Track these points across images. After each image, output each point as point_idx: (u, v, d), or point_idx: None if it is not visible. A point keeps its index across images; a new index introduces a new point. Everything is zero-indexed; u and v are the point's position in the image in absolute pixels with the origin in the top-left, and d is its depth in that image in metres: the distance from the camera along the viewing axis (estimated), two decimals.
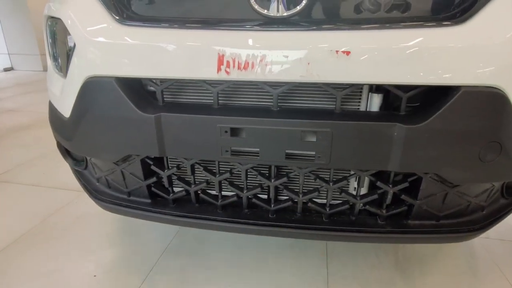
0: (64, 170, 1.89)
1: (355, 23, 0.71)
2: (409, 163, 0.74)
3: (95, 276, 1.13)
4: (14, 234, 1.34)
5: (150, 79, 0.82)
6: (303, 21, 0.72)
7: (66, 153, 1.11)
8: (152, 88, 0.84)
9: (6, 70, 5.88)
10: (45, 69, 5.84)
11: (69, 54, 0.89)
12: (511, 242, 1.32)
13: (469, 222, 0.88)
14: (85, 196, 1.52)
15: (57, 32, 0.94)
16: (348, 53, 0.68)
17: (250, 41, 0.72)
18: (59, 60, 0.97)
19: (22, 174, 1.88)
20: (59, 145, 1.10)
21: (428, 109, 0.72)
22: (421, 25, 0.69)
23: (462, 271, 1.16)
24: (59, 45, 0.95)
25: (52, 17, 0.95)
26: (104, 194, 1.03)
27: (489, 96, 0.70)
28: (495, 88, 0.70)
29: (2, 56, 5.91)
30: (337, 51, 0.69)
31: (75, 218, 1.46)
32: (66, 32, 0.88)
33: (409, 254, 1.24)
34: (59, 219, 1.45)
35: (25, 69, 5.90)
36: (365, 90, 0.79)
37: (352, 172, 0.85)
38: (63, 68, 0.95)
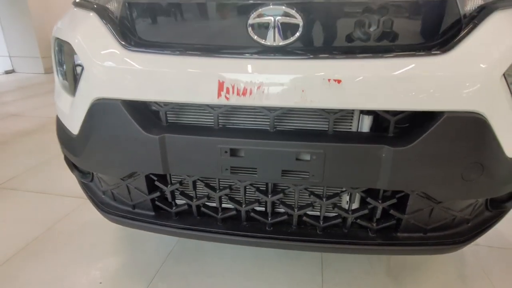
0: (68, 177, 1.93)
1: (346, 53, 0.76)
2: (397, 182, 0.79)
3: (100, 283, 1.19)
4: (22, 242, 1.40)
5: (159, 101, 0.87)
6: (298, 50, 0.78)
7: (72, 166, 1.16)
8: (156, 108, 0.89)
9: (7, 72, 5.92)
10: (46, 71, 5.89)
11: (76, 76, 0.95)
12: (499, 249, 1.38)
13: (454, 234, 0.94)
14: (89, 203, 1.58)
15: (65, 53, 0.99)
16: (339, 81, 0.73)
17: (249, 69, 0.77)
18: (67, 80, 1.02)
19: (28, 181, 1.93)
20: (66, 159, 1.15)
21: (414, 131, 0.78)
22: (406, 54, 0.75)
23: (452, 278, 1.22)
24: (67, 66, 1.00)
25: (61, 39, 1.00)
26: (110, 206, 1.08)
27: (470, 121, 0.75)
28: (476, 113, 0.75)
29: (3, 59, 5.95)
30: (329, 80, 0.74)
31: (80, 226, 1.52)
32: (74, 55, 0.93)
33: (401, 262, 1.30)
34: (65, 226, 1.51)
35: (26, 71, 5.94)
36: (356, 112, 0.85)
37: (344, 189, 0.90)
38: (71, 87, 1.00)
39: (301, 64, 0.76)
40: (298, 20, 0.74)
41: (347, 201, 0.93)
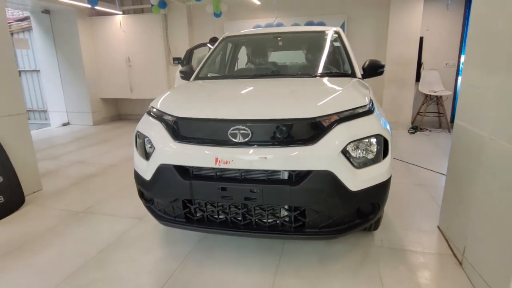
0: (127, 204, 2.97)
1: (270, 145, 1.75)
2: (296, 202, 1.74)
3: (154, 262, 2.14)
4: (107, 241, 2.38)
5: (189, 166, 1.88)
6: (249, 144, 1.77)
7: (142, 196, 2.18)
8: (188, 168, 1.90)
9: (64, 124, 7.34)
10: (95, 123, 7.25)
11: (149, 152, 1.99)
12: (389, 249, 2.22)
13: (335, 230, 1.84)
14: (142, 221, 2.58)
15: (143, 140, 2.04)
16: (265, 158, 1.72)
17: (228, 152, 1.77)
18: (144, 152, 2.06)
19: (101, 208, 2.97)
20: (139, 192, 2.17)
21: (301, 179, 1.73)
22: (297, 145, 1.72)
23: (356, 260, 2.07)
24: (144, 146, 2.05)
25: (141, 133, 2.06)
26: (163, 218, 2.06)
27: (326, 175, 1.70)
28: (328, 171, 1.70)
29: (62, 114, 7.41)
30: (262, 157, 1.72)
31: (137, 235, 2.49)
32: (146, 140, 1.98)
33: (328, 254, 2.16)
34: (130, 234, 2.49)
35: (79, 124, 7.33)
36: (282, 170, 1.81)
37: (274, 206, 1.84)
38: (144, 156, 2.04)
39: (250, 150, 1.75)
40: (249, 132, 1.75)
41: (280, 212, 1.87)
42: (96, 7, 5.75)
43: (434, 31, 6.03)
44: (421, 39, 6.01)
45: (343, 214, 1.83)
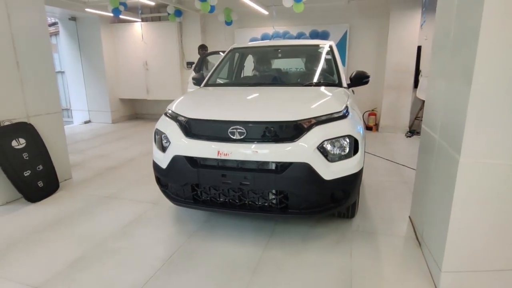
0: (144, 192, 3.47)
1: (261, 141, 2.21)
2: (279, 186, 2.19)
3: (167, 235, 2.62)
4: (128, 219, 2.88)
5: (197, 157, 2.35)
6: (245, 140, 2.23)
7: (158, 181, 2.67)
8: (196, 159, 2.37)
9: (86, 122, 7.97)
10: (113, 121, 7.85)
11: (165, 146, 2.47)
12: (367, 233, 2.64)
13: (313, 211, 2.28)
14: (158, 205, 3.08)
15: (161, 136, 2.53)
16: (257, 151, 2.18)
17: (228, 146, 2.24)
18: (161, 146, 2.54)
19: (123, 194, 3.48)
20: (157, 178, 2.66)
21: (284, 168, 2.18)
22: (282, 142, 2.18)
23: (332, 241, 2.50)
24: (161, 141, 2.53)
25: (160, 130, 2.55)
26: (175, 199, 2.54)
27: (304, 166, 2.15)
28: (306, 163, 2.15)
29: (84, 112, 8.04)
30: (255, 151, 2.18)
31: (154, 215, 2.98)
32: (166, 137, 2.47)
33: (310, 235, 2.60)
34: (147, 214, 2.98)
35: (99, 121, 7.95)
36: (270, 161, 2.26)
37: (264, 190, 2.29)
38: (161, 149, 2.53)
39: (245, 145, 2.21)
40: (244, 130, 2.22)
41: (268, 195, 2.32)
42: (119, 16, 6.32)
43: (432, 40, 6.37)
44: (419, 47, 6.36)
45: (319, 198, 2.27)
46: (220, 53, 5.55)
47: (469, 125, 1.66)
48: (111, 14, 6.02)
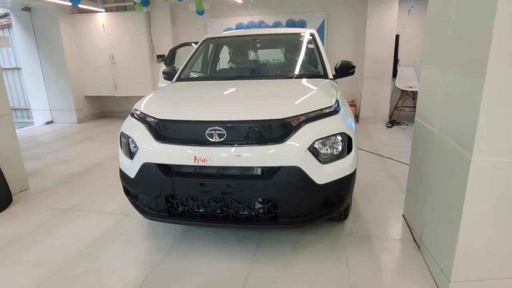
0: (113, 202, 3.10)
1: (243, 144, 1.92)
2: (268, 195, 1.92)
3: (140, 254, 2.29)
4: (95, 236, 2.52)
5: (170, 164, 2.03)
6: (225, 143, 1.94)
7: (127, 192, 2.32)
8: (169, 166, 2.05)
9: (48, 123, 7.32)
10: (79, 121, 7.25)
11: (133, 151, 2.13)
12: (361, 237, 2.44)
13: (304, 220, 2.03)
14: (128, 217, 2.73)
15: (127, 141, 2.18)
16: (239, 155, 1.89)
17: (206, 150, 1.93)
18: (128, 152, 2.20)
19: (88, 205, 3.09)
20: (125, 189, 2.31)
21: (271, 174, 1.91)
22: (268, 143, 1.90)
23: (326, 247, 2.28)
24: (128, 146, 2.18)
25: (125, 134, 2.20)
26: (147, 212, 2.21)
27: (294, 170, 1.89)
28: (296, 166, 1.89)
29: (45, 112, 7.37)
30: (236, 155, 1.89)
31: (124, 230, 2.63)
32: (130, 140, 2.12)
33: (301, 242, 2.36)
34: (116, 229, 2.63)
35: (63, 122, 7.32)
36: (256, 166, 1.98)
37: (249, 198, 2.02)
38: (128, 156, 2.18)
39: (226, 149, 1.92)
40: (224, 132, 1.92)
41: (255, 204, 2.05)
42: (78, 5, 5.74)
43: (409, 28, 6.29)
44: (398, 36, 6.26)
45: (311, 205, 2.03)
46: (193, 44, 5.16)
47: (482, 120, 1.46)
48: (69, 4, 5.44)
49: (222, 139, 1.93)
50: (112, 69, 7.21)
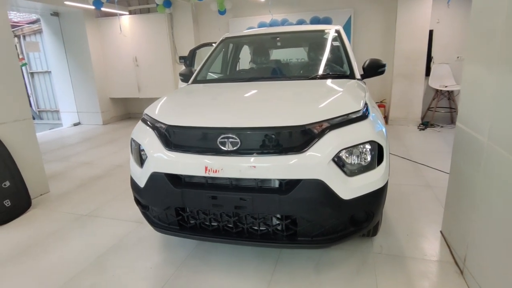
0: (129, 208, 3.01)
1: (259, 153, 1.72)
2: (286, 211, 1.71)
3: (151, 267, 2.16)
4: (107, 245, 2.42)
5: (180, 174, 1.87)
6: (238, 152, 1.75)
7: (138, 203, 2.20)
8: (180, 176, 1.89)
9: (75, 124, 7.49)
10: (104, 123, 7.37)
11: (143, 159, 1.99)
12: (393, 256, 2.17)
13: (328, 239, 1.80)
14: (142, 225, 2.61)
15: (137, 147, 2.05)
16: (254, 166, 1.69)
17: (219, 160, 1.76)
18: (139, 159, 2.07)
19: (104, 211, 3.02)
20: (135, 199, 2.19)
21: (291, 188, 1.70)
22: (287, 153, 1.69)
23: (352, 270, 2.04)
24: (138, 153, 2.05)
25: (135, 140, 2.07)
26: (157, 224, 2.07)
27: (316, 183, 1.66)
28: (318, 179, 1.66)
29: (73, 114, 7.56)
30: (252, 166, 1.70)
31: (136, 240, 2.52)
32: (140, 147, 1.98)
33: (324, 262, 2.13)
34: (129, 238, 2.52)
35: (89, 123, 7.47)
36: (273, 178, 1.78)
37: (266, 214, 1.81)
38: (139, 163, 2.05)
39: (239, 158, 1.73)
40: (237, 140, 1.73)
41: (271, 220, 1.85)
42: (102, 9, 5.80)
43: (444, 23, 5.82)
44: (431, 32, 5.81)
45: (335, 222, 1.79)
46: (213, 44, 5.03)
47: None
48: (93, 7, 5.50)
49: (235, 148, 1.75)
50: (135, 71, 7.26)
